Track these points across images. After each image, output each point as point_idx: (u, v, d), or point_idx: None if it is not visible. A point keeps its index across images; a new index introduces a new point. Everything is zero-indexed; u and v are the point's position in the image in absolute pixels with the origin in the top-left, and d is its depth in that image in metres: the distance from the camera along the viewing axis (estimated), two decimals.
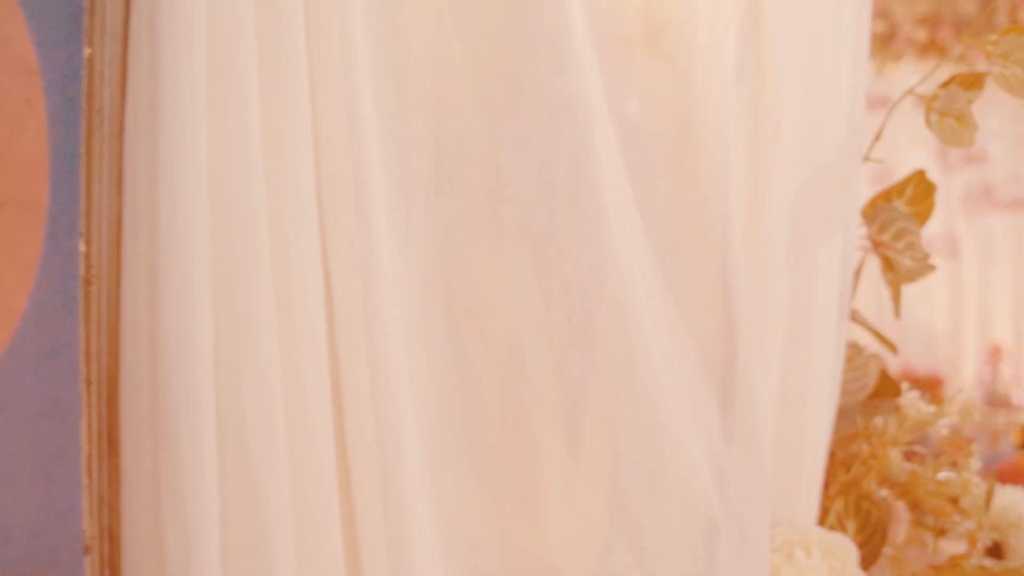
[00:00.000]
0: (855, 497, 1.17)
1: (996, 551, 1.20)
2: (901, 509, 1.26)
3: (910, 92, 1.14)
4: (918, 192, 1.16)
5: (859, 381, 1.21)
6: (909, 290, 5.90)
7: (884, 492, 1.21)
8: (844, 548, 1.11)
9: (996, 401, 7.50)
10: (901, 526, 1.27)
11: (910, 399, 1.17)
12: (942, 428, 1.17)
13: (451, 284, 0.76)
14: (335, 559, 0.70)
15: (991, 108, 7.00)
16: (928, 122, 1.10)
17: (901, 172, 5.71)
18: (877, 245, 1.16)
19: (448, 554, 0.76)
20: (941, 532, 1.21)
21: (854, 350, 1.21)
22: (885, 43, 7.80)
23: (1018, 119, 8.04)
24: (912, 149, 8.08)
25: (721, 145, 0.83)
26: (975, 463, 1.17)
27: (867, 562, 1.18)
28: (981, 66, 5.62)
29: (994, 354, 7.75)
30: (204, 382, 0.68)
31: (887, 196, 1.16)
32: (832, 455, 1.24)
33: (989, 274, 8.13)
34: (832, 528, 1.14)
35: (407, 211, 0.75)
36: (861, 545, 1.17)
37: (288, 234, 0.68)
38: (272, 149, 0.68)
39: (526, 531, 0.80)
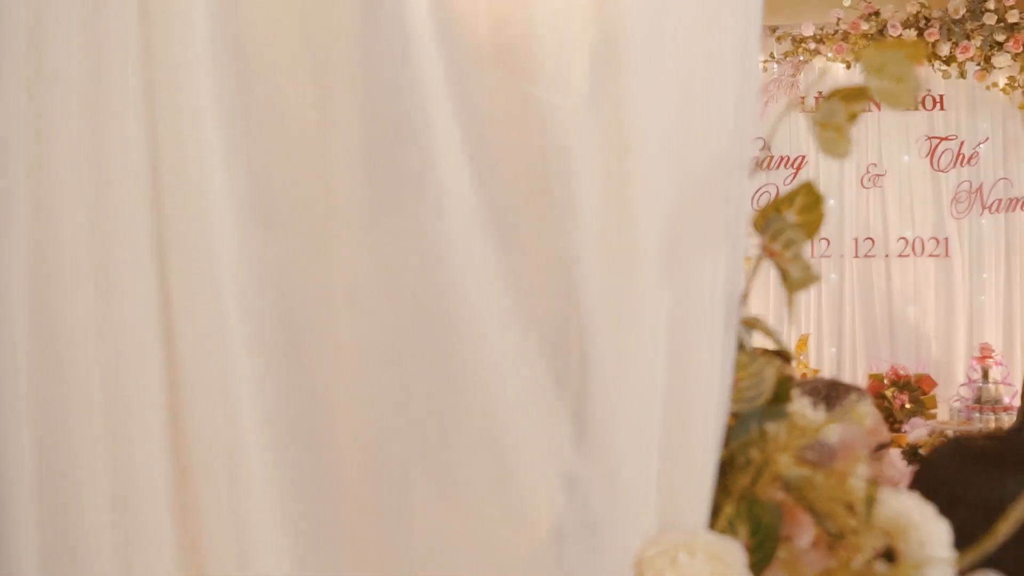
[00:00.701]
0: (746, 502, 1.18)
1: (891, 556, 1.22)
2: (804, 514, 1.27)
3: (811, 94, 1.13)
4: (807, 203, 1.17)
5: (756, 388, 1.22)
6: (899, 291, 5.96)
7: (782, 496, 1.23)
8: (731, 552, 1.12)
9: (986, 401, 7.52)
10: (804, 530, 1.28)
11: (798, 405, 1.18)
12: (832, 435, 1.17)
13: (295, 295, 0.77)
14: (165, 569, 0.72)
15: (982, 111, 7.09)
16: (813, 132, 1.11)
17: (893, 173, 5.75)
18: (771, 254, 1.17)
19: (297, 564, 0.78)
20: (841, 537, 1.22)
21: (749, 356, 1.21)
22: (874, 44, 7.80)
23: (1008, 121, 8.07)
24: (902, 151, 8.12)
25: (568, 160, 0.84)
26: (863, 469, 1.18)
27: (760, 566, 1.19)
28: (970, 66, 5.61)
29: (984, 355, 7.75)
30: (16, 394, 0.70)
31: (776, 206, 1.16)
32: (732, 460, 1.25)
33: (979, 275, 8.14)
34: (723, 532, 1.15)
35: (251, 221, 0.76)
36: (753, 549, 1.18)
37: (117, 243, 0.70)
38: (102, 154, 0.69)
39: (376, 539, 0.81)
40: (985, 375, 7.67)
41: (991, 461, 1.95)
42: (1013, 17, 7.63)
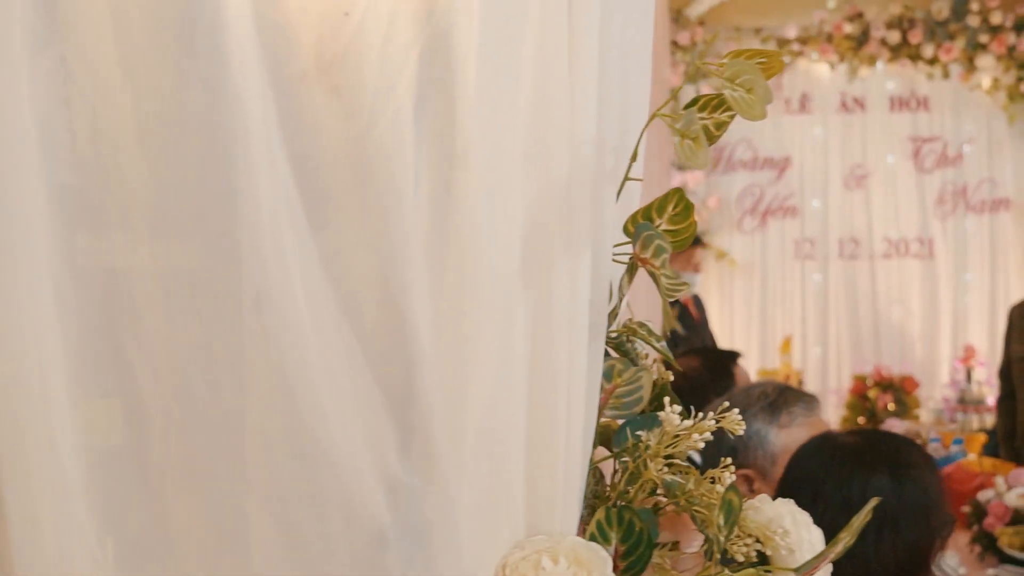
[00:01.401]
0: (616, 508, 1.20)
1: (765, 561, 1.23)
2: (687, 520, 1.29)
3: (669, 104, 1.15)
4: (680, 210, 1.18)
5: (634, 395, 1.24)
6: (884, 292, 5.95)
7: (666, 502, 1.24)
8: (597, 556, 1.13)
9: (969, 402, 7.52)
10: (693, 536, 1.30)
11: (667, 413, 1.19)
12: (698, 442, 1.19)
13: (111, 300, 0.79)
14: None
15: (966, 112, 7.10)
16: (674, 141, 1.12)
17: (877, 174, 5.76)
18: (641, 262, 1.19)
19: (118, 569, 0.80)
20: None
21: (623, 364, 1.23)
22: (858, 46, 7.84)
23: (992, 122, 8.08)
24: (887, 152, 8.14)
25: (393, 171, 0.86)
26: (729, 476, 1.20)
27: (634, 570, 1.20)
28: (954, 68, 5.61)
29: (968, 356, 7.76)
30: None
31: (647, 213, 1.18)
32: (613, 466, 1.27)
33: (963, 276, 8.15)
34: (594, 537, 1.17)
35: (69, 224, 0.78)
36: (625, 555, 1.20)
37: None
38: None
39: (200, 551, 0.83)
40: (968, 376, 7.67)
41: (854, 458, 1.98)
42: (996, 19, 7.64)
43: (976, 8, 7.65)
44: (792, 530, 1.20)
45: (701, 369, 3.38)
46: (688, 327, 6.54)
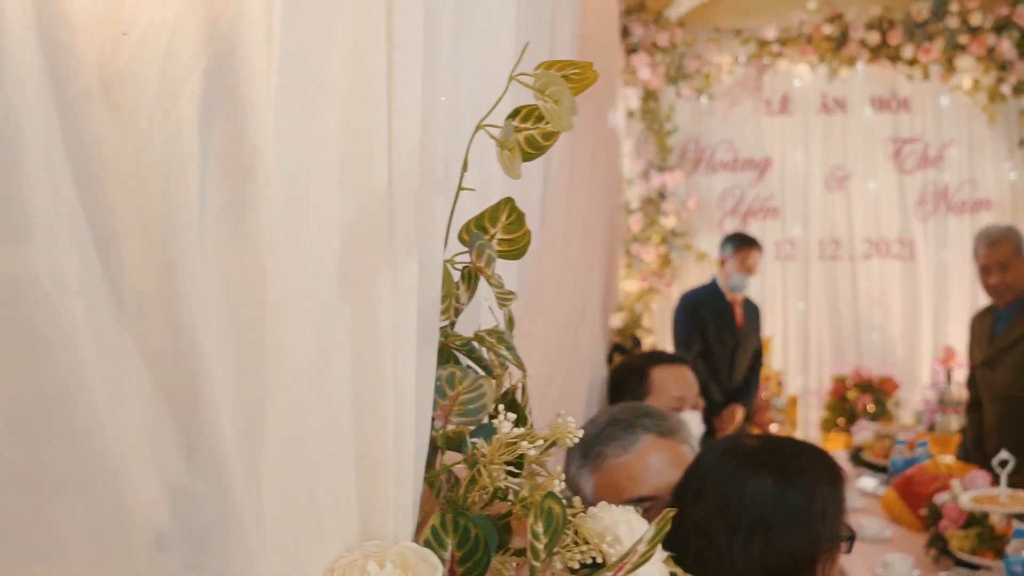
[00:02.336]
0: (452, 514, 1.20)
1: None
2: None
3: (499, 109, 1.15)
4: (513, 220, 1.19)
5: (477, 402, 1.24)
6: (865, 293, 5.95)
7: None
8: (426, 562, 1.14)
9: (949, 403, 7.52)
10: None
11: (500, 420, 1.20)
12: (530, 449, 1.20)
13: None
14: None
15: (947, 113, 7.10)
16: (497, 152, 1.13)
17: (858, 175, 5.76)
18: (478, 270, 1.19)
19: None
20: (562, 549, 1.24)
21: (463, 371, 1.24)
22: (838, 47, 7.84)
23: (973, 123, 8.08)
24: (868, 152, 8.14)
25: (172, 188, 0.86)
26: (558, 484, 1.21)
27: (475, 575, 1.21)
28: (934, 69, 5.62)
29: (948, 357, 7.76)
30: None
31: (479, 222, 1.19)
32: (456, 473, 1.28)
33: (945, 277, 8.14)
34: (428, 543, 1.18)
35: None
36: (463, 560, 1.21)
37: None
38: None
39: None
40: (948, 377, 7.67)
41: (746, 461, 1.98)
42: (976, 19, 7.64)
43: (955, 9, 7.65)
44: (626, 538, 1.21)
45: (624, 373, 3.39)
46: (729, 329, 6.56)
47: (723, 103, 8.04)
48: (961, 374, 7.58)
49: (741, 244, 6.58)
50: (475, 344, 1.32)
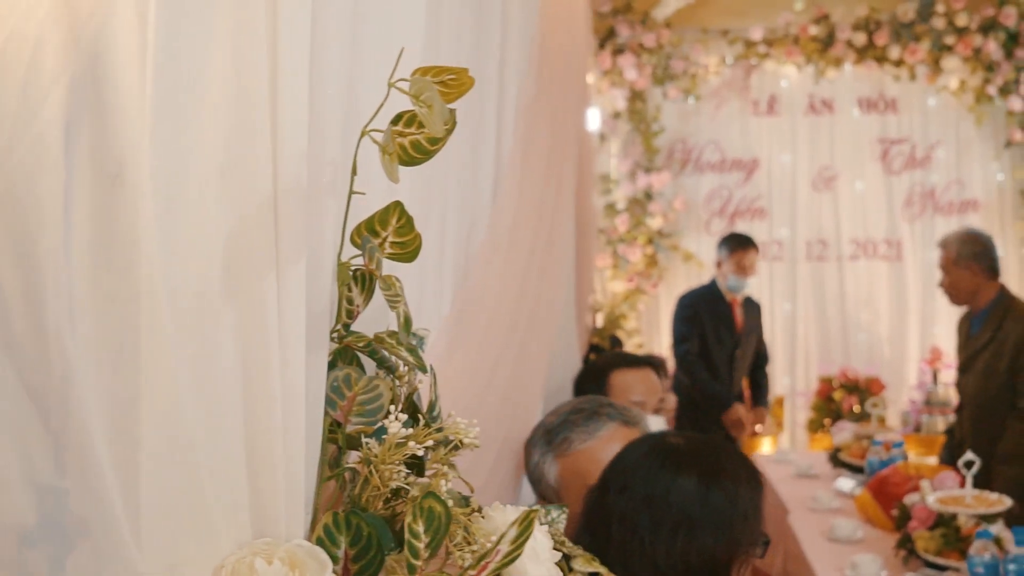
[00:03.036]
0: (344, 513, 1.22)
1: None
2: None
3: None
4: (404, 223, 1.20)
5: (374, 404, 1.26)
6: (852, 294, 5.98)
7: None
8: (315, 559, 1.16)
9: (935, 404, 7.52)
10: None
11: (390, 420, 1.21)
12: (418, 449, 1.21)
13: None
14: None
15: (934, 114, 7.09)
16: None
17: (845, 175, 5.77)
18: (371, 272, 1.21)
19: None
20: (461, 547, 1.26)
21: (358, 372, 1.25)
22: (824, 48, 7.85)
23: (960, 123, 8.08)
24: (856, 153, 8.14)
25: (34, 195, 0.89)
26: (445, 483, 1.22)
27: (366, 574, 1.23)
28: (921, 69, 5.61)
29: (934, 358, 7.76)
30: None
31: (370, 226, 1.20)
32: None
33: (932, 278, 8.13)
34: (321, 541, 1.19)
35: None
36: (356, 558, 1.22)
37: None
38: None
39: None
40: (935, 378, 7.67)
41: (673, 460, 2.00)
42: (962, 20, 7.64)
43: (941, 10, 7.66)
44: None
45: (584, 374, 3.40)
46: (728, 330, 6.58)
47: (710, 104, 8.04)
48: (948, 375, 7.59)
49: (736, 246, 6.61)
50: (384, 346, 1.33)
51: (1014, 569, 3.24)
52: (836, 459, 5.47)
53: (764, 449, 7.10)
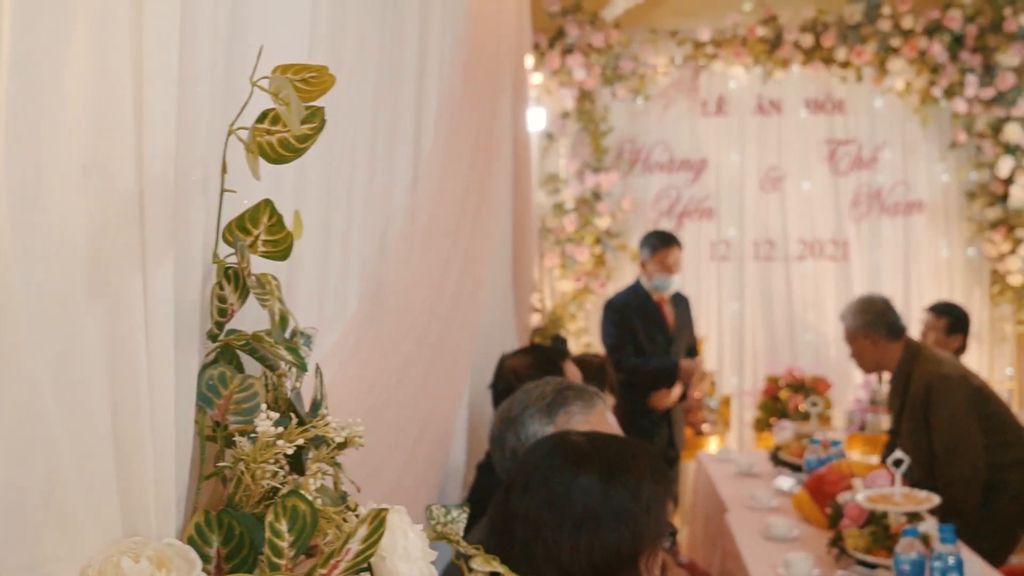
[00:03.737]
0: (216, 512, 1.21)
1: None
2: None
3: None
4: (275, 221, 1.20)
5: (251, 401, 1.25)
6: (799, 294, 6.01)
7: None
8: (183, 558, 1.15)
9: (880, 403, 7.57)
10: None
11: (261, 419, 1.21)
12: (288, 448, 1.21)
13: None
14: None
15: (880, 115, 7.16)
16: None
17: (792, 176, 5.80)
18: (243, 270, 1.20)
19: None
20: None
21: (231, 371, 1.24)
22: (772, 49, 7.89)
23: (906, 125, 8.15)
24: (803, 154, 8.19)
25: None
26: (314, 482, 1.22)
27: (240, 572, 1.22)
28: (867, 71, 5.64)
29: None
30: None
31: (240, 224, 1.19)
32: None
33: (878, 278, 8.21)
34: (192, 540, 1.19)
35: None
36: (229, 556, 1.21)
37: None
38: None
39: None
40: (879, 377, 7.72)
41: (571, 456, 2.00)
42: (907, 23, 7.71)
43: (887, 12, 7.72)
44: (386, 540, 1.22)
45: (530, 367, 3.41)
46: (660, 329, 6.55)
47: (659, 104, 8.06)
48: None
49: (658, 244, 6.52)
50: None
51: (939, 566, 3.27)
52: (776, 458, 5.50)
53: (710, 448, 7.13)
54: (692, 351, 6.84)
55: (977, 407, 4.90)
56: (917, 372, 5.06)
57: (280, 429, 1.20)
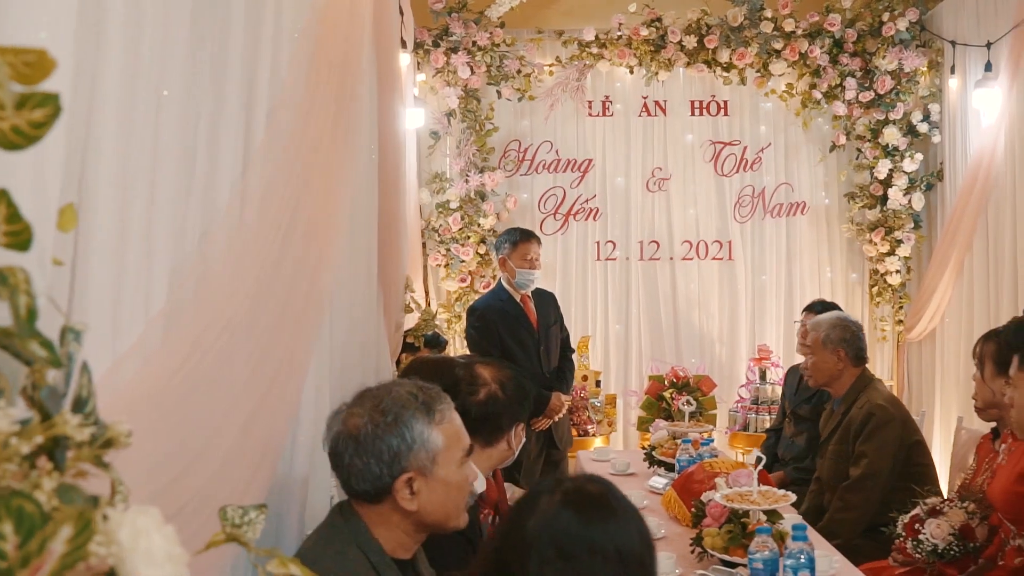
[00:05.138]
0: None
1: None
2: None
3: None
4: (12, 212, 1.14)
5: None
6: (684, 294, 6.04)
7: None
8: None
9: (763, 402, 7.66)
10: None
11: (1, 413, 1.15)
12: (22, 447, 1.15)
13: None
14: None
15: (764, 117, 7.23)
16: None
17: (678, 177, 5.82)
18: None
19: None
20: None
21: None
22: (656, 50, 7.93)
23: (789, 127, 8.25)
24: (688, 155, 8.25)
25: None
26: (49, 482, 1.16)
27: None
28: (751, 73, 5.67)
29: (762, 356, 7.90)
30: None
31: None
32: None
33: (761, 278, 8.31)
34: None
35: None
36: (19, 545, 1.15)
37: None
38: None
39: None
40: (763, 376, 7.81)
41: (598, 508, 1.95)
42: (789, 26, 7.80)
43: (769, 15, 7.81)
44: (127, 542, 1.16)
45: (425, 370, 3.38)
46: (526, 330, 6.49)
47: (544, 104, 8.05)
48: (776, 373, 7.74)
49: (518, 239, 6.41)
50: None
51: (791, 564, 3.28)
52: (651, 457, 5.51)
53: (593, 447, 7.14)
54: (567, 345, 6.80)
55: (908, 454, 5.06)
56: (863, 400, 5.17)
57: (17, 427, 1.14)
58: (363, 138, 3.83)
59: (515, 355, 6.32)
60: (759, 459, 3.84)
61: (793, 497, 3.80)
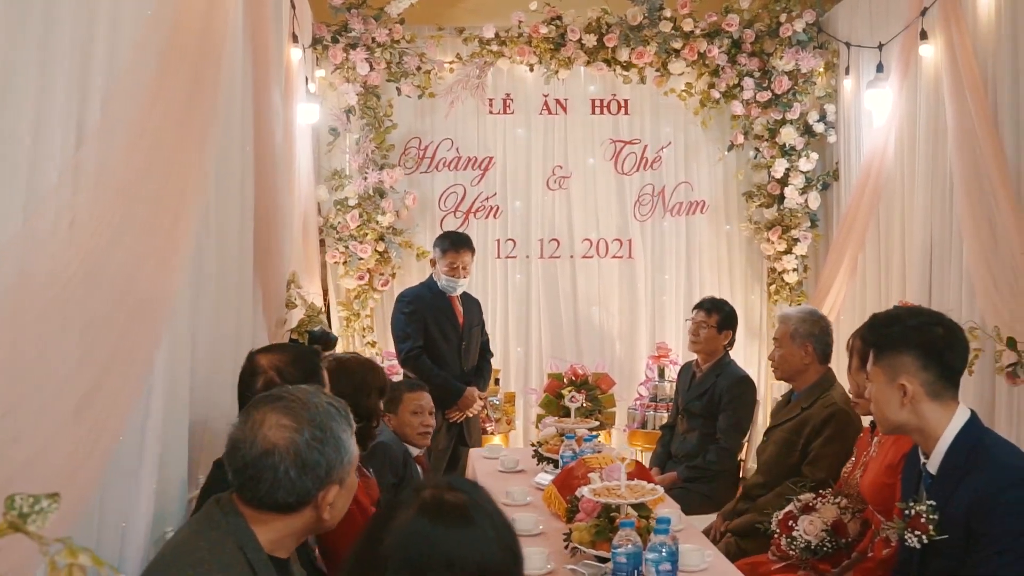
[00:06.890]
0: None
1: None
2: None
3: None
4: None
5: None
6: (584, 292, 6.04)
7: None
8: None
9: (661, 400, 7.69)
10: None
11: None
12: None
13: None
14: None
15: (664, 116, 7.25)
16: None
17: (578, 175, 5.83)
18: None
19: None
20: None
21: None
22: (556, 48, 7.93)
23: (688, 127, 8.30)
24: (588, 154, 8.26)
25: None
26: None
27: None
28: (650, 72, 5.67)
29: (660, 354, 7.94)
30: None
31: None
32: None
33: (661, 276, 8.34)
34: None
35: None
36: None
37: None
38: None
39: None
40: (661, 374, 7.85)
41: (459, 517, 1.86)
42: (688, 26, 7.84)
43: (669, 15, 7.84)
44: None
45: (290, 364, 3.34)
46: (452, 326, 6.67)
47: (445, 101, 8.01)
48: (673, 371, 7.75)
49: (447, 247, 6.62)
50: None
51: (652, 558, 3.28)
52: (539, 454, 5.49)
53: (488, 446, 7.11)
54: (487, 348, 6.96)
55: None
56: (825, 399, 5.18)
57: None
58: (233, 131, 3.77)
59: (439, 347, 6.62)
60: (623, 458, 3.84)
61: (660, 491, 3.79)
